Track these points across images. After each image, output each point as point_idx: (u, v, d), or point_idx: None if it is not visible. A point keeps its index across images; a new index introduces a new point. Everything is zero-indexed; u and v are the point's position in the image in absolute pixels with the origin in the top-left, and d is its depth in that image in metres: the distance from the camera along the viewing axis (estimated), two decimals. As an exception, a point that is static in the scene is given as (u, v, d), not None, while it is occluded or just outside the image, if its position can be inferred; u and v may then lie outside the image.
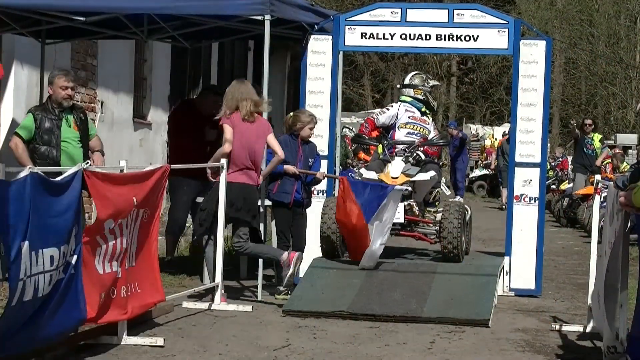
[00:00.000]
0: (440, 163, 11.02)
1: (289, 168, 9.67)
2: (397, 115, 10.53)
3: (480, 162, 33.88)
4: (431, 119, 10.82)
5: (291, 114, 10.01)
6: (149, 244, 7.82)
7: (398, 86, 10.81)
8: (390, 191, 9.46)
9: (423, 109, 10.64)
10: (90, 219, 11.39)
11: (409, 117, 10.52)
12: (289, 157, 9.63)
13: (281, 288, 9.63)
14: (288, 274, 9.04)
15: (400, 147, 10.33)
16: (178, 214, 11.36)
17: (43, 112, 9.38)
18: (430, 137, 10.57)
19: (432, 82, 10.83)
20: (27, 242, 5.94)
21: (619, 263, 6.86)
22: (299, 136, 9.76)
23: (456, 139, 24.31)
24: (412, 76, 10.85)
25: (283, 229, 9.85)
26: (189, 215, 11.41)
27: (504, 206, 22.59)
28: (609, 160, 20.24)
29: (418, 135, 10.46)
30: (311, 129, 9.80)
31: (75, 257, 6.61)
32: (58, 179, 6.51)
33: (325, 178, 10.21)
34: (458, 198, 25.90)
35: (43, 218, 6.17)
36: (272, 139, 9.27)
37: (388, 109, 10.70)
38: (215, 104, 10.90)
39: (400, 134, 10.52)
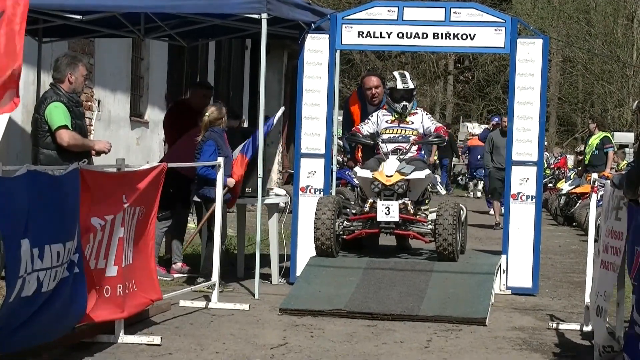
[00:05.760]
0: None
1: (230, 181, 9.83)
2: (377, 123, 10.43)
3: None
4: (425, 112, 10.62)
5: (207, 114, 9.94)
6: (145, 242, 7.81)
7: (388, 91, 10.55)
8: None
9: (398, 111, 10.38)
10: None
11: (386, 122, 10.43)
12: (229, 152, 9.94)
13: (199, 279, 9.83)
14: None
15: (392, 146, 10.24)
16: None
17: (65, 100, 8.94)
18: (427, 127, 10.34)
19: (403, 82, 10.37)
20: (27, 240, 5.87)
21: None
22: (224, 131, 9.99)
23: None
24: (388, 80, 10.65)
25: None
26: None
27: (496, 225, 18.83)
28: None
29: (400, 137, 10.32)
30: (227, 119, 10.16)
31: (77, 255, 6.58)
32: (57, 175, 6.51)
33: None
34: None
35: (46, 214, 6.10)
36: None
37: (370, 119, 10.57)
38: (205, 98, 11.00)
39: (382, 140, 10.37)
